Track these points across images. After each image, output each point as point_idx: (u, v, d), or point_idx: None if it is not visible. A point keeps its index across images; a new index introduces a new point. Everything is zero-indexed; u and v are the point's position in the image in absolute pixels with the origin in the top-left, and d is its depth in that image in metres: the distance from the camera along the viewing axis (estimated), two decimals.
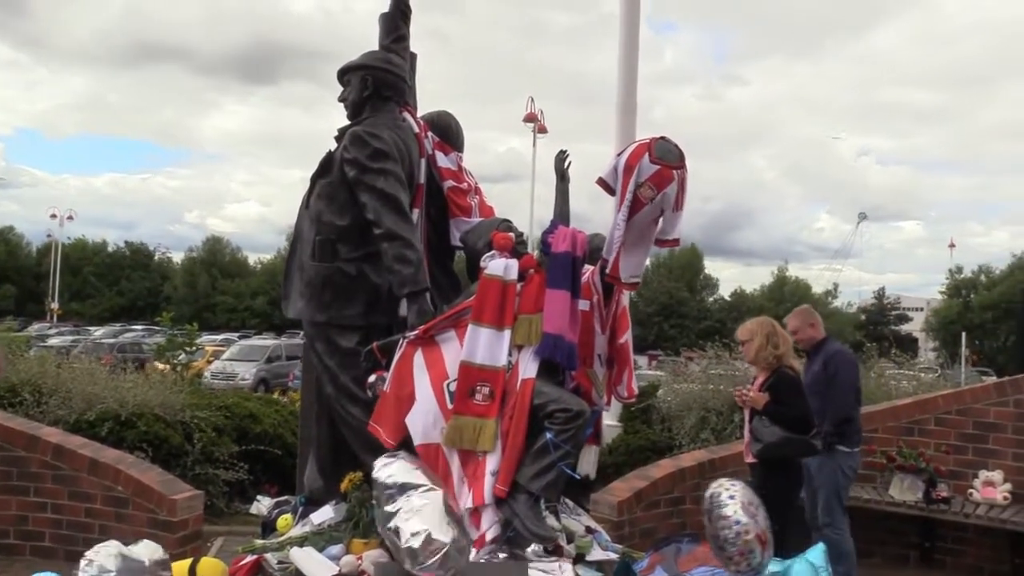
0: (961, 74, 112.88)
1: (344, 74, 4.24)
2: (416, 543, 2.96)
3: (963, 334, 32.84)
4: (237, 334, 46.28)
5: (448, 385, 3.56)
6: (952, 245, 69.09)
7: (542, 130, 26.08)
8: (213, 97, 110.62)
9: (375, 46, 4.43)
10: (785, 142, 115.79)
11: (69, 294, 62.81)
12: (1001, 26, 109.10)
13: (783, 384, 4.62)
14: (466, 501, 3.43)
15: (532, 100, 25.98)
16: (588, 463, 4.17)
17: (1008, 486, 5.92)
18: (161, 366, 9.56)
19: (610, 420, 8.00)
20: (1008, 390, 6.14)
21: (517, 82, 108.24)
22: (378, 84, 4.14)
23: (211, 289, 63.55)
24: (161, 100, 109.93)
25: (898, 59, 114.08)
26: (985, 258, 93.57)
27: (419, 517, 3.03)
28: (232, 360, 25.36)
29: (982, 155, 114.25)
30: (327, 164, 4.03)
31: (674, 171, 3.53)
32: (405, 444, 3.60)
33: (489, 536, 3.36)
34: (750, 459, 4.74)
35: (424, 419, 3.56)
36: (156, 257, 70.47)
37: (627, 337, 4.18)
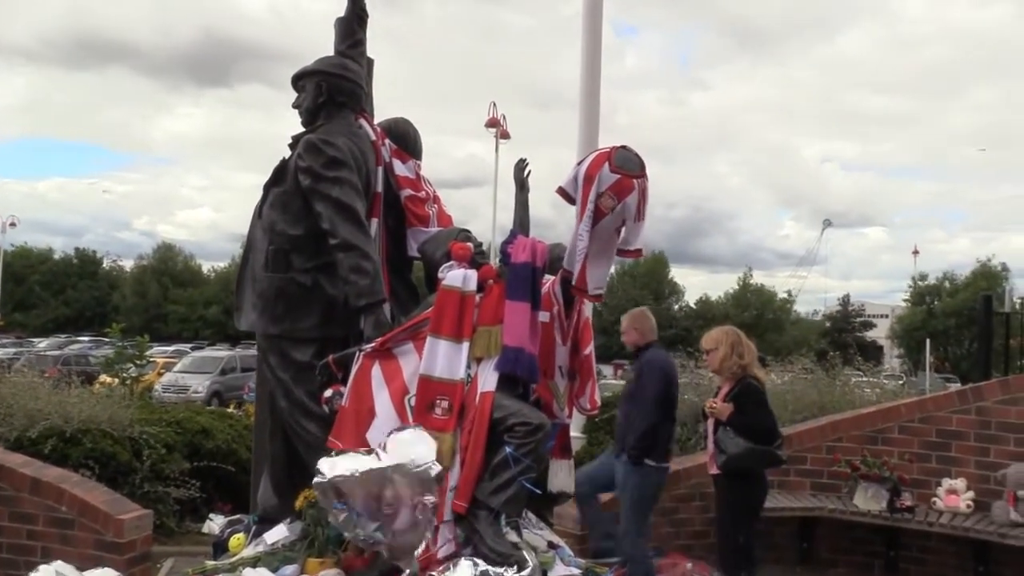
0: (925, 80, 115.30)
1: (298, 80, 4.23)
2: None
3: (927, 341, 33.56)
4: (189, 345, 45.61)
5: (409, 400, 3.57)
6: (916, 252, 70.26)
7: (504, 136, 26.12)
8: (164, 98, 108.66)
9: (330, 50, 4.42)
10: (749, 148, 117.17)
11: (12, 304, 61.42)
12: (964, 32, 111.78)
13: (747, 394, 4.69)
14: None
15: (494, 105, 26.04)
16: (561, 479, 4.20)
17: (971, 494, 6.04)
18: (109, 380, 9.40)
19: (573, 432, 8.01)
20: (970, 398, 6.27)
21: (475, 85, 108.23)
22: (333, 90, 4.14)
23: (162, 298, 62.63)
24: (109, 101, 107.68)
25: (862, 64, 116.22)
26: (948, 265, 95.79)
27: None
28: (184, 372, 24.97)
29: (945, 161, 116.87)
30: (281, 172, 4.02)
31: (635, 180, 3.57)
32: None
33: (441, 554, 3.36)
34: (714, 470, 4.79)
35: (384, 435, 3.54)
36: (105, 265, 69.30)
37: (590, 349, 4.20)
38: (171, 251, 68.71)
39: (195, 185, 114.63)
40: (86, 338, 45.98)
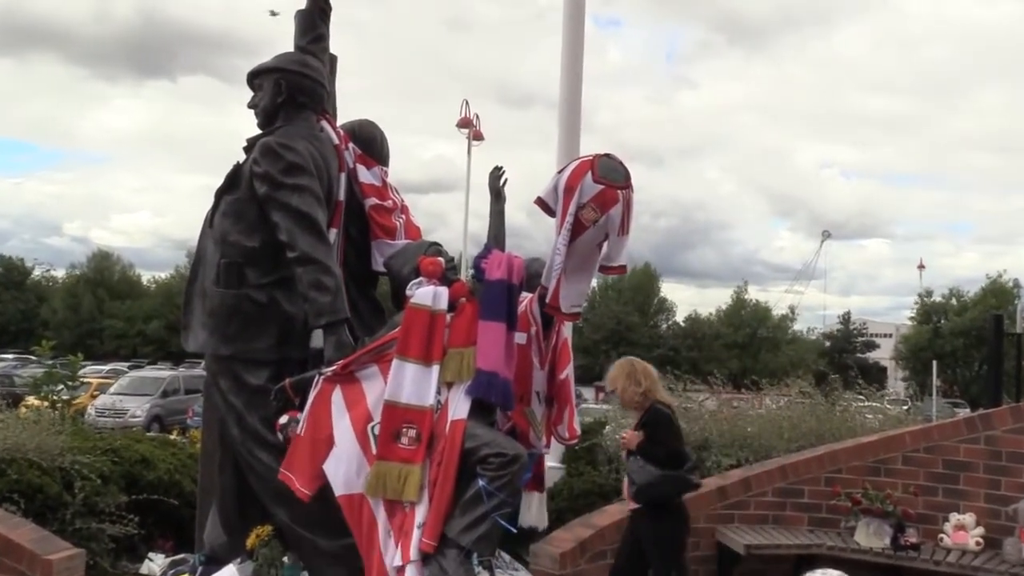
0: (928, 80, 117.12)
1: (255, 77, 4.25)
2: None
3: (934, 363, 33.93)
4: (127, 364, 45.11)
5: (372, 428, 3.58)
6: (922, 266, 71.36)
7: (478, 136, 26.18)
8: (97, 89, 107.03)
9: (289, 43, 4.45)
10: (741, 152, 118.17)
11: None
12: (969, 30, 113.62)
13: (654, 421, 4.80)
14: (394, 559, 3.43)
15: (467, 104, 26.09)
16: (533, 513, 4.21)
17: (980, 530, 6.11)
18: (37, 403, 9.27)
19: (551, 461, 8.04)
20: (979, 426, 6.35)
21: (444, 81, 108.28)
22: (293, 89, 4.17)
23: (97, 312, 61.89)
24: (35, 92, 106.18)
25: (861, 63, 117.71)
26: (956, 280, 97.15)
27: None
28: (121, 394, 24.72)
29: (951, 168, 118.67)
30: (234, 178, 4.03)
31: (619, 191, 3.62)
32: (323, 495, 3.59)
33: None
34: (632, 505, 4.86)
35: (346, 466, 3.57)
36: (36, 275, 68.41)
37: (568, 372, 4.24)
38: (107, 259, 67.99)
39: (133, 186, 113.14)
40: (10, 356, 45.33)
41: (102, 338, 60.59)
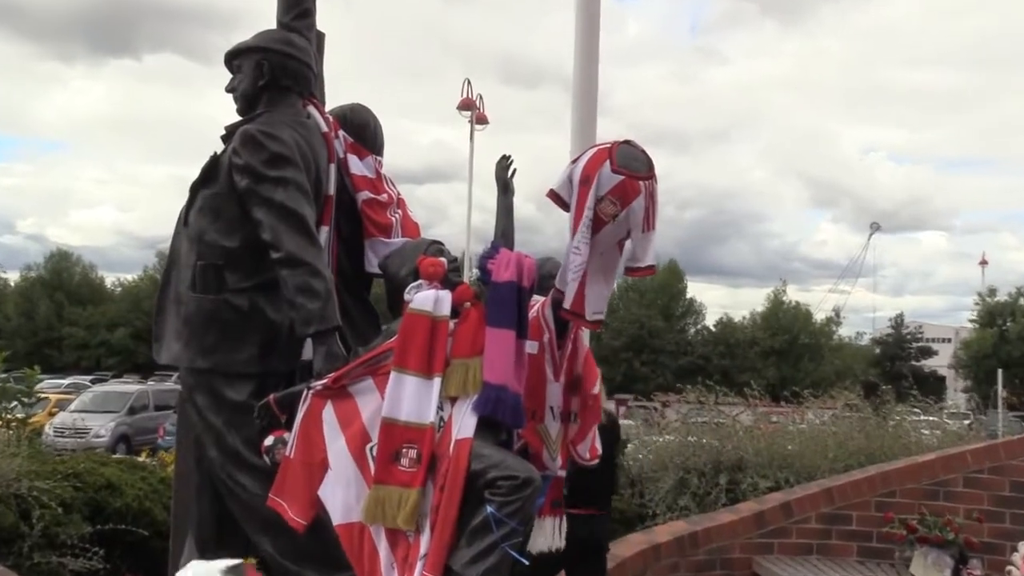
0: (979, 53, 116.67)
1: (234, 58, 4.29)
2: None
3: (999, 372, 33.77)
4: (89, 377, 45.29)
5: (371, 449, 3.60)
6: (984, 262, 71.07)
7: (481, 120, 26.17)
8: (52, 69, 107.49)
9: (271, 19, 4.48)
10: (776, 134, 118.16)
11: None
12: None
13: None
14: None
15: (469, 83, 26.08)
16: (545, 538, 4.24)
17: None
18: None
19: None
20: None
21: (443, 58, 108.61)
22: (276, 71, 4.20)
23: (55, 319, 62.06)
24: None
25: (906, 34, 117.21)
26: (1023, 278, 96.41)
27: None
28: (83, 412, 24.78)
29: (1015, 151, 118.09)
30: (212, 170, 4.07)
31: (641, 182, 3.64)
32: (314, 524, 3.62)
33: None
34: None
35: (344, 492, 3.59)
36: None
37: (599, 387, 4.28)
38: (66, 260, 68.14)
39: (94, 178, 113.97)
40: None
41: (61, 348, 60.76)
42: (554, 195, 3.86)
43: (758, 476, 7.83)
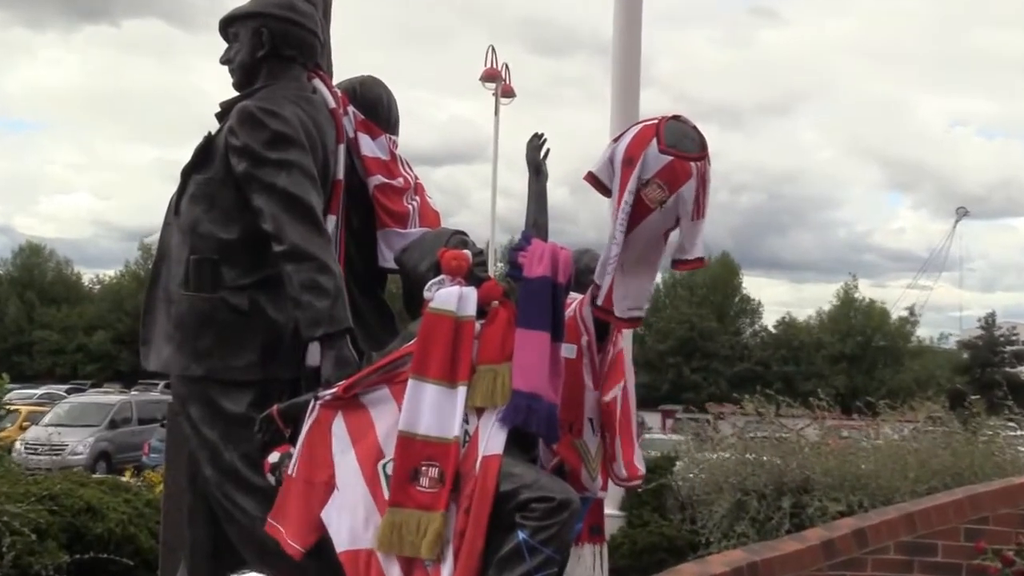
0: None
1: (229, 25, 4.32)
2: None
3: None
4: (65, 387, 45.68)
5: (384, 466, 3.62)
6: None
7: (507, 92, 26.16)
8: (20, 38, 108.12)
9: None
10: (845, 106, 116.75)
11: None
12: None
13: None
14: None
15: (493, 51, 26.07)
16: (588, 568, 4.26)
17: None
18: None
19: (608, 508, 8.09)
20: None
21: (463, 23, 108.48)
22: (277, 40, 4.23)
23: (25, 321, 62.69)
24: None
25: None
26: None
27: None
28: (58, 425, 25.01)
29: None
30: (205, 153, 4.10)
31: (692, 164, 3.64)
32: (320, 550, 3.65)
33: None
34: None
35: (351, 515, 3.62)
36: None
37: (615, 394, 4.23)
38: (37, 254, 68.84)
39: (67, 161, 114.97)
40: None
41: (32, 354, 61.39)
42: (593, 178, 3.87)
43: (827, 499, 7.80)
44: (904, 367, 58.60)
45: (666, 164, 3.62)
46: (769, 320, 65.46)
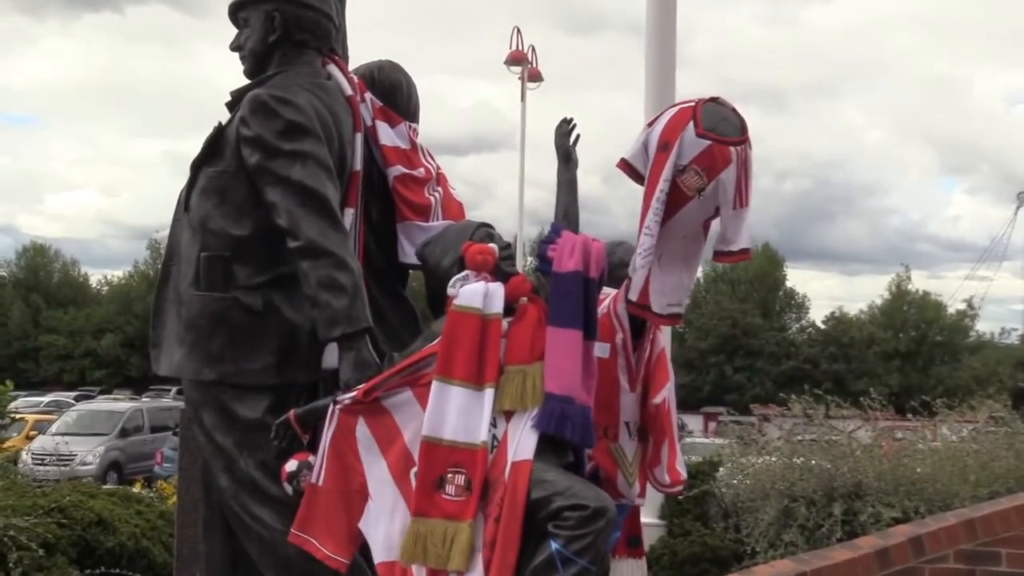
0: None
1: (239, 10, 4.33)
2: None
3: None
4: (73, 394, 46.02)
5: (415, 474, 3.64)
6: None
7: (534, 76, 26.16)
8: (19, 27, 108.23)
9: None
10: (896, 86, 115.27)
11: None
12: None
13: None
14: None
15: (518, 32, 26.06)
16: None
17: None
18: None
19: (647, 517, 8.08)
20: None
21: (486, 2, 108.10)
22: (290, 24, 4.24)
23: (31, 325, 63.21)
24: None
25: None
26: None
27: None
28: (66, 434, 25.19)
29: None
30: (216, 145, 4.12)
31: (732, 148, 3.63)
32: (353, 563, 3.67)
33: None
34: None
35: (387, 524, 3.65)
36: None
37: (665, 395, 4.25)
38: (42, 255, 69.42)
39: (72, 156, 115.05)
40: None
41: (38, 359, 61.90)
42: (626, 165, 3.87)
43: (881, 505, 7.76)
44: (962, 364, 58.19)
45: (704, 149, 3.62)
46: (817, 315, 65.21)
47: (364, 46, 4.78)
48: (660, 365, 4.28)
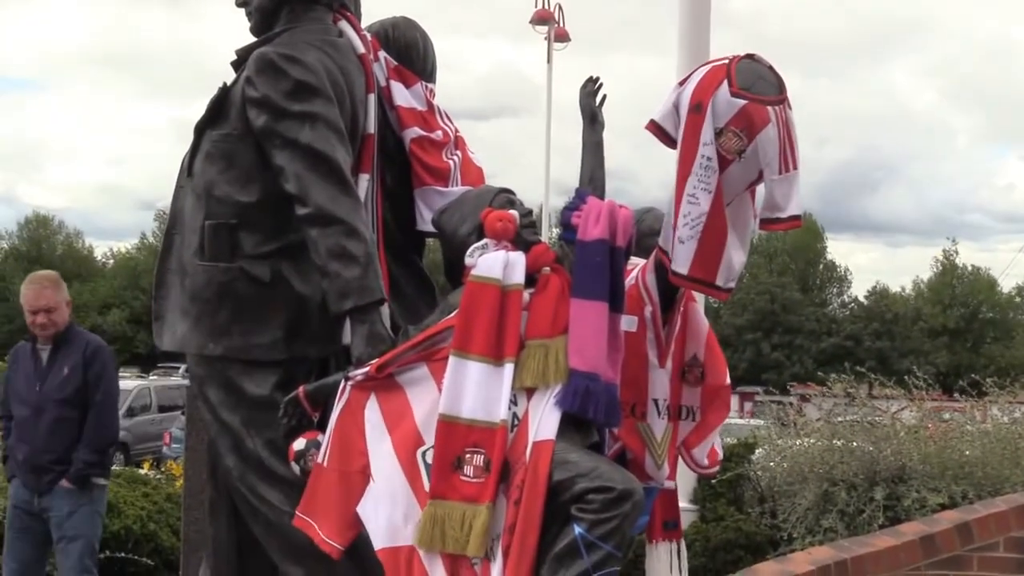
0: None
1: None
2: None
3: None
4: None
5: (424, 454, 3.62)
6: None
7: (561, 37, 26.08)
8: None
9: None
10: (945, 45, 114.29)
11: None
12: None
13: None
14: None
15: None
16: (666, 569, 4.24)
17: None
18: None
19: (680, 501, 8.07)
20: None
21: None
22: None
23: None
24: None
25: None
26: None
27: None
28: None
29: None
30: (220, 106, 4.11)
31: (769, 108, 3.60)
32: (353, 547, 3.67)
33: None
34: None
35: (389, 509, 3.63)
36: None
37: (728, 377, 4.33)
38: (44, 227, 69.81)
39: (74, 123, 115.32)
40: None
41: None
42: (655, 127, 3.84)
43: (926, 490, 7.74)
44: (1015, 342, 57.93)
45: (740, 109, 3.59)
46: (859, 290, 65.03)
47: (378, 2, 4.75)
48: (713, 346, 4.32)
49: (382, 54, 4.45)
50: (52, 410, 6.28)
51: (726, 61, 3.71)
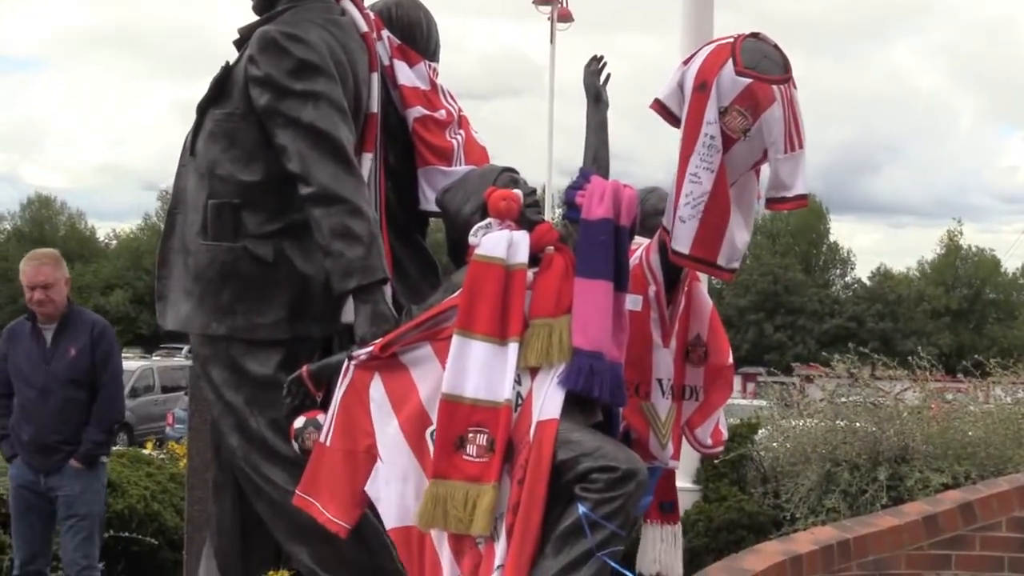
0: None
1: None
2: None
3: None
4: None
5: (432, 434, 3.63)
6: None
7: (564, 16, 26.07)
8: None
9: None
10: (949, 24, 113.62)
11: None
12: None
13: None
14: None
15: None
16: (657, 554, 4.25)
17: None
18: None
19: (681, 481, 8.08)
20: None
21: None
22: None
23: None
24: None
25: None
26: None
27: None
28: None
29: None
30: (223, 85, 4.10)
31: (774, 87, 3.59)
32: (359, 528, 3.67)
33: None
34: None
35: (399, 488, 3.64)
36: None
37: (731, 357, 4.34)
38: (47, 207, 69.74)
39: (76, 103, 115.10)
40: None
41: None
42: (660, 107, 3.83)
43: (929, 470, 7.74)
44: (1018, 322, 57.92)
45: (745, 88, 3.59)
46: (862, 271, 64.88)
47: None
48: (717, 326, 4.33)
49: (385, 33, 4.44)
50: (60, 391, 6.28)
51: (731, 40, 3.70)
